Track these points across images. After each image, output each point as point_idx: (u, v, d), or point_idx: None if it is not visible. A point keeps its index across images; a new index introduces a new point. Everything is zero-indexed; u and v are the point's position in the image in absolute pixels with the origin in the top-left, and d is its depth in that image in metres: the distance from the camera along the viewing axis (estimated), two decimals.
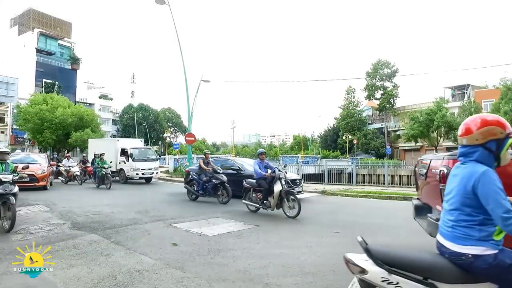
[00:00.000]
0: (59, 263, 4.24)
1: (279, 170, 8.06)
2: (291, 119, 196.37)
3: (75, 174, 16.03)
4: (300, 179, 11.60)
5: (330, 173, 17.71)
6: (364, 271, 1.95)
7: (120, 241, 5.36)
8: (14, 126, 46.58)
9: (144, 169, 17.24)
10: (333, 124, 55.79)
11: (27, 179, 11.37)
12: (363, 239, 2.03)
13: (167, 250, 4.90)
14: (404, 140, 42.45)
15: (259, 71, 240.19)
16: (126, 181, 17.09)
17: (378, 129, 51.57)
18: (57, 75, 55.27)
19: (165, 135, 63.32)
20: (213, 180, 10.01)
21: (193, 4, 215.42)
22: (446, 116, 33.29)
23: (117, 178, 17.59)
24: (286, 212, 7.66)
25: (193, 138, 20.95)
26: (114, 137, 54.74)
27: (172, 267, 4.13)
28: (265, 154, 8.76)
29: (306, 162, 30.09)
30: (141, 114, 64.09)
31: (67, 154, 19.42)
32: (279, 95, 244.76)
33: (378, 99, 49.52)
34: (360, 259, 2.00)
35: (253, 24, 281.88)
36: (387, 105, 48.14)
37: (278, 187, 7.66)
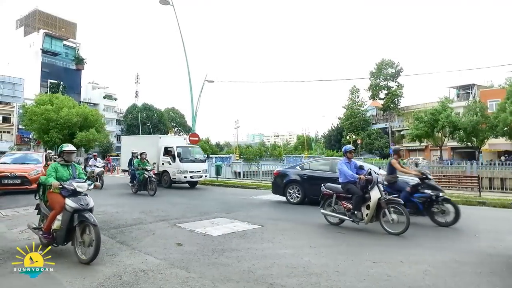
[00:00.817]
0: (65, 262, 4.29)
1: (375, 172, 6.45)
2: (295, 119, 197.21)
3: (98, 175, 13.96)
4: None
5: None
6: None
7: (125, 241, 5.40)
8: (20, 126, 47.01)
9: (193, 172, 15.17)
10: (337, 124, 55.77)
11: (18, 181, 11.01)
12: None
13: (172, 250, 4.93)
14: (409, 140, 42.25)
15: (263, 71, 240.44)
16: (171, 185, 15.09)
17: (382, 129, 51.42)
18: (62, 76, 55.75)
19: (169, 135, 63.62)
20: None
21: (197, 5, 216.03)
22: (451, 116, 33.11)
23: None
24: (386, 227, 6.07)
25: (197, 138, 20.94)
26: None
27: (177, 267, 4.15)
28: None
29: None
30: (145, 114, 64.46)
31: (94, 153, 16.87)
32: (283, 95, 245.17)
33: (382, 99, 49.43)
34: None
35: (257, 24, 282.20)
36: (391, 105, 48.03)
37: (376, 194, 6.17)
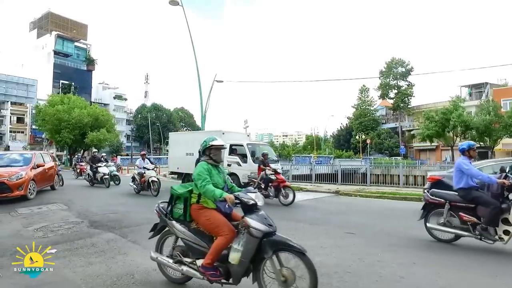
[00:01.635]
0: (79, 261, 4.37)
1: None
2: (304, 119, 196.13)
3: (151, 181, 11.47)
4: None
5: (344, 173, 17.54)
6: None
7: (137, 240, 5.45)
8: (33, 127, 47.94)
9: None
10: (346, 124, 55.30)
11: None
12: None
13: None
14: (419, 140, 41.66)
15: (272, 71, 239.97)
16: None
17: (392, 129, 50.81)
18: (73, 76, 56.74)
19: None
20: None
21: (206, 5, 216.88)
22: (463, 116, 32.47)
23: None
24: None
25: None
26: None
27: None
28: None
29: (319, 162, 29.99)
30: (155, 114, 65.08)
31: (143, 152, 13.94)
32: (292, 95, 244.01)
33: (392, 98, 48.87)
34: None
35: (266, 24, 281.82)
36: (402, 104, 47.44)
37: None
